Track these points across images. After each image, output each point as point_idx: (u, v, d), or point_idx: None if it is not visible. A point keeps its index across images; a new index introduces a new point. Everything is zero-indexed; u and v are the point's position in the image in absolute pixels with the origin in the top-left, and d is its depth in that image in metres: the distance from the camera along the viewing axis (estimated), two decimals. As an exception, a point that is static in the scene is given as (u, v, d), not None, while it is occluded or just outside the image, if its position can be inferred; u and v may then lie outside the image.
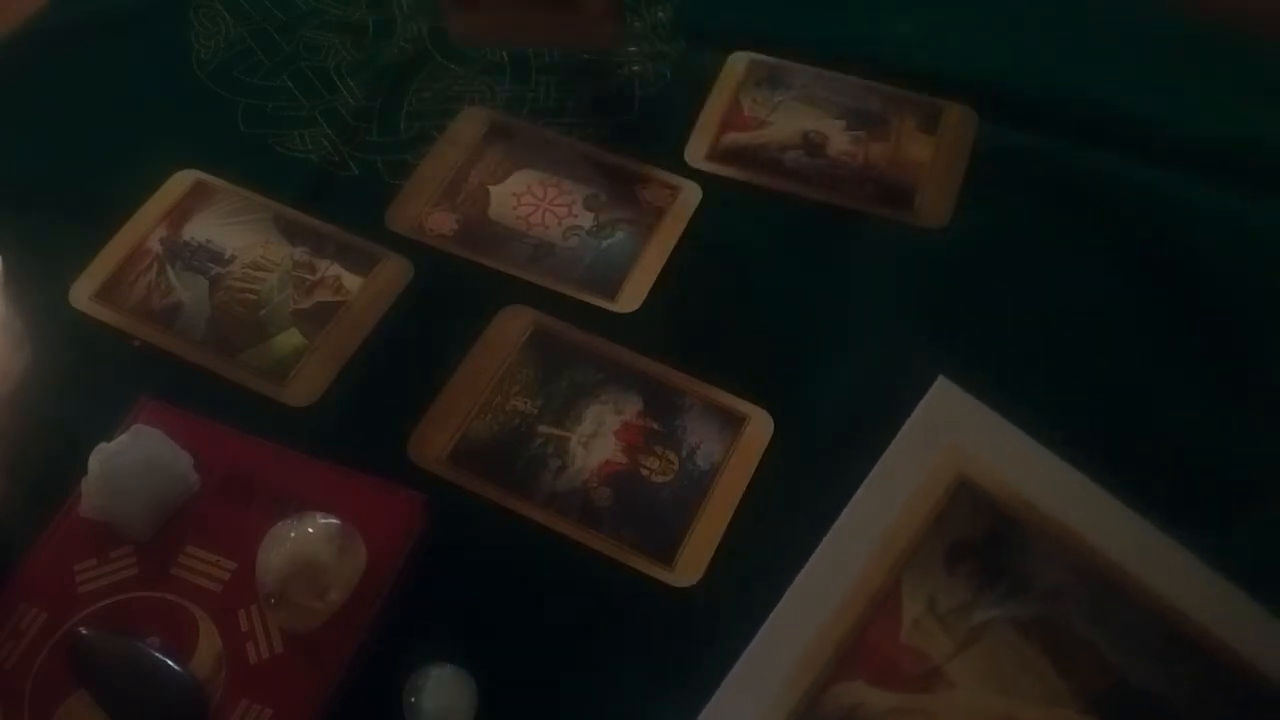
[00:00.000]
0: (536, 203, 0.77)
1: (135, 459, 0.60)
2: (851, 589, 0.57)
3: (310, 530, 0.58)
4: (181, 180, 0.77)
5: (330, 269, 0.73)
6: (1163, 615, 0.57)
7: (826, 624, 0.56)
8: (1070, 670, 0.56)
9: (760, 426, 0.67)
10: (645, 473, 0.66)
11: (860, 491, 0.60)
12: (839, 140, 0.80)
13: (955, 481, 0.60)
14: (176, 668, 0.56)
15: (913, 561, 0.58)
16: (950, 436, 0.62)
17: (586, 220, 0.77)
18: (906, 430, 0.62)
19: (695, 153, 0.80)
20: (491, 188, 0.78)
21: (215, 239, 0.74)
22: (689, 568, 0.62)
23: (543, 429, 0.67)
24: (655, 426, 0.67)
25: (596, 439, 0.67)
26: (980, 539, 0.59)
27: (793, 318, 0.73)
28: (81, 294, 0.72)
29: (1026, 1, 0.89)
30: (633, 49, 0.86)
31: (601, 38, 0.82)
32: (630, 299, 0.73)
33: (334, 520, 0.58)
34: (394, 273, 0.74)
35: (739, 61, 0.85)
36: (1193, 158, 0.78)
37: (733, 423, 0.67)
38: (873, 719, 0.55)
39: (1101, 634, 0.57)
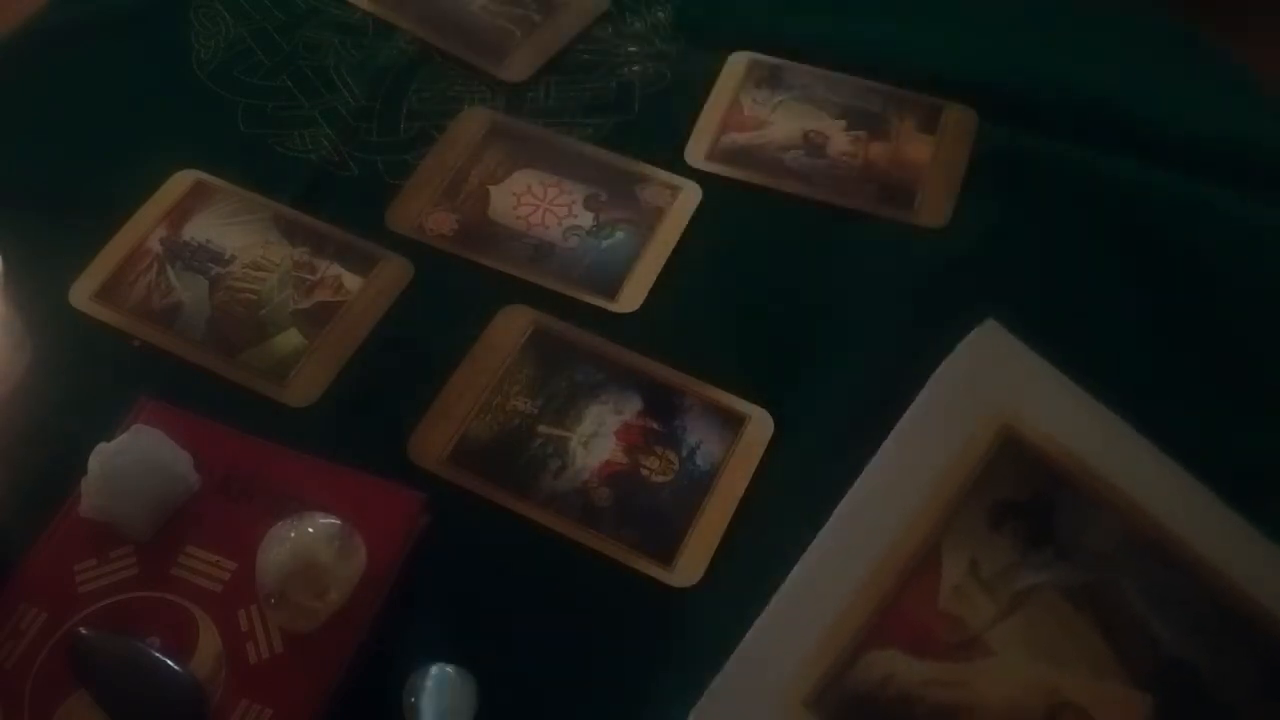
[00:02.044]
0: (536, 203, 0.77)
1: (135, 459, 0.60)
2: (886, 549, 0.53)
3: (310, 530, 0.58)
4: (181, 180, 0.77)
5: (330, 269, 0.73)
6: (1219, 590, 0.53)
7: (857, 588, 0.52)
8: (1119, 641, 0.52)
9: (760, 426, 0.67)
10: (645, 473, 0.66)
11: (893, 441, 0.55)
12: (839, 140, 0.80)
13: (1001, 435, 0.55)
14: (176, 668, 0.56)
15: (954, 520, 0.53)
16: (996, 385, 0.56)
17: (586, 220, 0.77)
18: (946, 375, 0.56)
19: (695, 153, 0.80)
20: (491, 188, 0.78)
21: (215, 239, 0.74)
22: (689, 568, 0.62)
23: (543, 429, 0.67)
24: (655, 426, 0.67)
25: (596, 439, 0.67)
26: (1027, 499, 0.54)
27: (793, 318, 0.73)
28: (81, 294, 0.72)
29: (1027, 1, 0.89)
30: (633, 49, 0.86)
31: None
32: (630, 299, 0.73)
33: (334, 520, 0.58)
34: (394, 273, 0.74)
35: (739, 61, 0.85)
36: (1193, 158, 0.78)
37: (733, 423, 0.67)
38: (905, 691, 0.51)
39: (1154, 606, 0.53)
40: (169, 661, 0.56)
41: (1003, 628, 0.52)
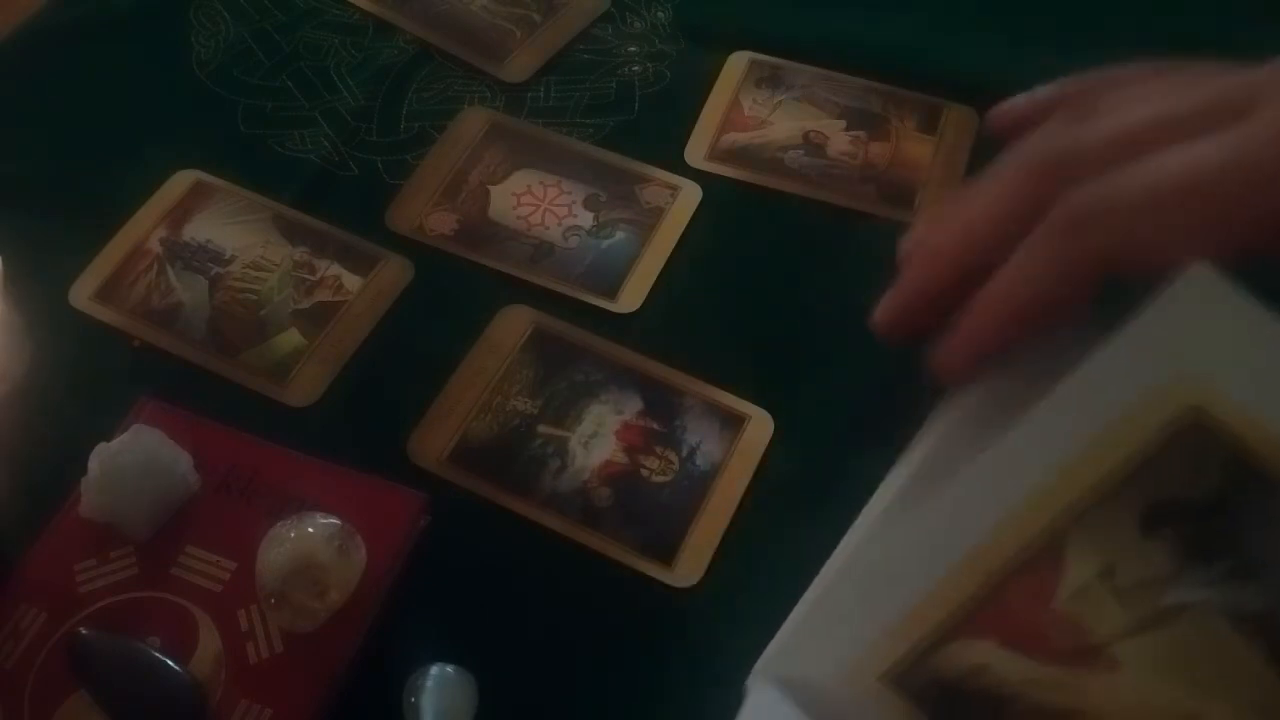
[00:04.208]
0: (536, 203, 0.77)
1: (135, 459, 0.60)
2: (995, 531, 0.43)
3: (310, 530, 0.58)
4: (181, 180, 0.77)
5: (330, 269, 0.73)
6: None
7: (955, 567, 0.43)
8: None
9: (760, 426, 0.67)
10: (645, 473, 0.66)
11: (1042, 406, 0.44)
12: (839, 140, 0.80)
13: (1182, 415, 0.43)
14: (176, 668, 0.56)
15: (1092, 512, 0.43)
16: (1192, 351, 0.44)
17: (586, 220, 0.77)
18: (1127, 329, 0.45)
19: (695, 153, 0.80)
20: (491, 188, 0.78)
21: (215, 239, 0.74)
22: (689, 568, 0.62)
23: (543, 429, 0.67)
24: (655, 426, 0.67)
25: (596, 439, 0.67)
26: (1200, 499, 0.43)
27: (793, 318, 0.73)
28: (81, 294, 0.72)
29: (1028, 2, 0.89)
30: (633, 49, 0.86)
31: None
32: (630, 299, 0.73)
33: (334, 520, 0.58)
34: (394, 273, 0.74)
35: (739, 61, 0.85)
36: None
37: (733, 423, 0.67)
38: (1000, 686, 0.42)
39: None
40: (169, 661, 0.56)
41: (1137, 642, 0.42)
